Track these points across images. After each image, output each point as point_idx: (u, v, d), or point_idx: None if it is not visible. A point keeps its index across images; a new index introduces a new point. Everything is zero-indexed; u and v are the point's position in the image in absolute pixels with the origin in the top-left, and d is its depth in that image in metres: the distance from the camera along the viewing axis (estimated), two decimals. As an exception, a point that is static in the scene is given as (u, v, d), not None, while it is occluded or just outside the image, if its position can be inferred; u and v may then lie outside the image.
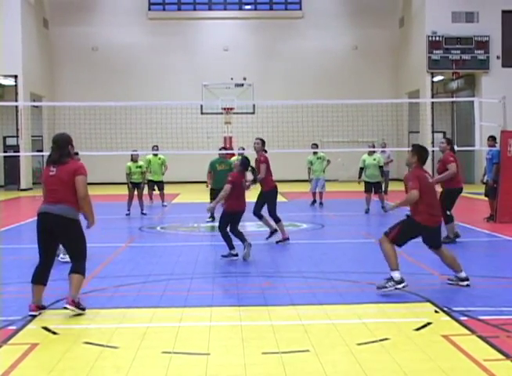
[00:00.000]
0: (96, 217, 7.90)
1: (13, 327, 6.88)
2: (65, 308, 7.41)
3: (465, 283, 8.72)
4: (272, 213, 13.19)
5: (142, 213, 18.82)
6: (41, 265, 7.62)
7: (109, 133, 28.05)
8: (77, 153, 8.79)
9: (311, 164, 21.22)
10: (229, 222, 11.38)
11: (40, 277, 7.58)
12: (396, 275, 8.41)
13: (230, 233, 11.33)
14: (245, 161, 11.71)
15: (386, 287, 8.36)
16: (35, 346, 6.24)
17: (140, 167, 19.24)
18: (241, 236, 11.36)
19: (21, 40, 31.99)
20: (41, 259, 7.62)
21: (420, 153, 8.89)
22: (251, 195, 13.41)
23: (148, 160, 20.01)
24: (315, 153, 21.31)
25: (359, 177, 19.53)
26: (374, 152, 19.73)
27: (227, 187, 11.21)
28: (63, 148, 7.63)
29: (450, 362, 5.68)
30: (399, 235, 8.63)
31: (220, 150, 17.67)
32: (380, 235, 8.95)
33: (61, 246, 10.59)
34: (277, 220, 13.18)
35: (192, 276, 9.68)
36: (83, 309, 7.48)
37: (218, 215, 17.22)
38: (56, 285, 8.34)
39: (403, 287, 8.36)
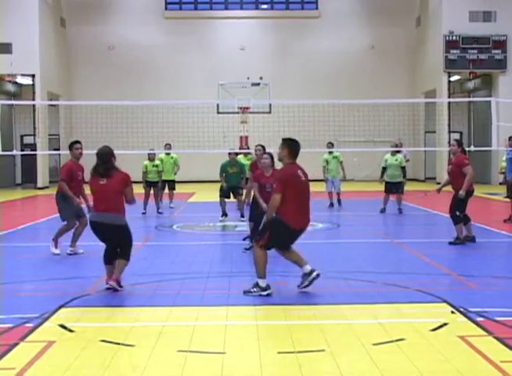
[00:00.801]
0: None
1: (30, 325, 6.91)
2: (107, 284, 8.43)
3: (315, 273, 8.40)
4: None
5: (158, 212, 18.88)
6: (106, 250, 8.71)
7: (125, 132, 28.11)
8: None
9: (326, 162, 21.05)
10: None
11: (109, 258, 8.62)
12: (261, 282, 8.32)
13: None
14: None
15: (251, 292, 8.28)
16: (52, 344, 6.27)
17: (156, 166, 19.30)
18: None
19: (38, 39, 32.15)
20: (106, 245, 8.73)
21: (290, 146, 8.56)
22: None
23: (160, 158, 20.01)
24: (330, 152, 21.17)
25: (381, 176, 19.40)
26: (398, 152, 19.57)
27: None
28: (107, 161, 8.66)
29: (466, 363, 5.65)
30: (270, 241, 8.33)
31: (230, 154, 17.44)
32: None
33: (72, 237, 10.91)
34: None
35: (208, 275, 9.69)
36: (121, 287, 8.49)
37: (231, 214, 17.30)
38: (72, 283, 8.38)
39: (267, 294, 8.21)
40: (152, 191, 19.13)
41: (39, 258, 11.49)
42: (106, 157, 8.66)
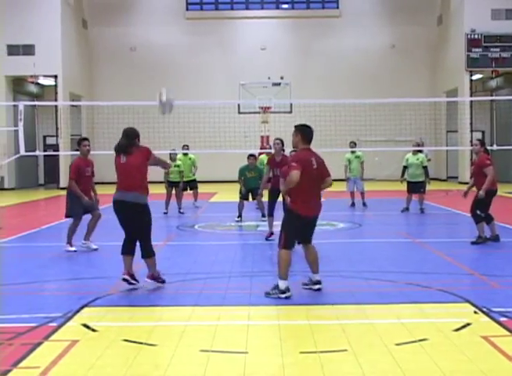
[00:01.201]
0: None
1: (54, 324, 6.96)
2: (145, 281, 8.65)
3: (316, 286, 8.48)
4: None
5: (180, 212, 18.95)
6: (126, 239, 8.69)
7: (146, 132, 27.98)
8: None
9: (348, 162, 20.93)
10: None
11: (127, 249, 8.66)
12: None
13: None
14: None
15: (270, 294, 8.22)
16: (75, 343, 6.31)
17: (178, 166, 19.38)
18: None
19: (61, 41, 32.41)
20: (126, 234, 8.70)
21: (302, 131, 8.68)
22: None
23: (178, 159, 20.00)
24: (353, 151, 21.06)
25: (402, 176, 19.32)
26: (420, 151, 19.45)
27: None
28: (131, 139, 8.67)
29: (490, 363, 5.62)
30: (287, 238, 8.33)
31: (248, 157, 17.42)
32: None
33: (85, 231, 11.07)
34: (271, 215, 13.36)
35: (230, 275, 9.70)
36: (163, 282, 8.75)
37: (252, 214, 17.30)
38: (95, 282, 8.43)
39: (286, 297, 8.13)
40: (174, 191, 19.22)
41: (63, 257, 11.58)
42: (131, 135, 8.69)
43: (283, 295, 8.16)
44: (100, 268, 10.59)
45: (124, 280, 8.54)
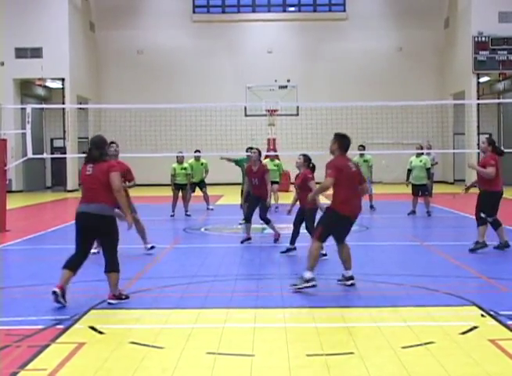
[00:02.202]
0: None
1: (61, 327, 6.98)
2: (109, 303, 8.01)
3: (350, 282, 8.91)
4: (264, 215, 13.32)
5: (186, 214, 18.95)
6: (76, 255, 8.23)
7: (153, 135, 28.26)
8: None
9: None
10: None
11: (72, 264, 8.17)
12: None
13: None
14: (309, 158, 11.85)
15: (296, 285, 8.61)
16: (82, 345, 6.33)
17: (185, 169, 19.38)
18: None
19: (68, 44, 32.50)
20: (77, 251, 8.25)
21: (340, 140, 8.99)
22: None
23: (190, 164, 19.93)
24: (362, 155, 20.99)
25: (407, 179, 19.32)
26: (422, 154, 19.44)
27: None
28: (101, 148, 8.28)
29: (497, 367, 5.61)
30: (323, 231, 8.77)
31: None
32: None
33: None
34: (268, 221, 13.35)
35: (237, 278, 9.71)
36: (127, 297, 8.18)
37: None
38: (102, 285, 8.43)
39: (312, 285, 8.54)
40: (180, 193, 19.21)
41: (69, 260, 11.58)
42: (100, 144, 8.27)
43: (309, 284, 8.51)
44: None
45: (54, 293, 7.83)
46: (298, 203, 11.79)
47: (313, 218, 11.06)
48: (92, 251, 11.97)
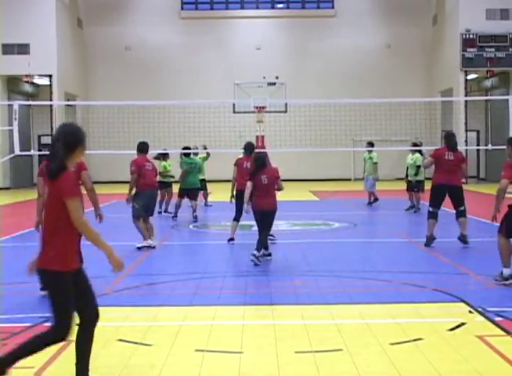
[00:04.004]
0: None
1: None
2: None
3: (509, 281, 8.67)
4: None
5: (166, 211, 18.74)
6: None
7: (141, 132, 28.16)
8: None
9: (364, 161, 21.40)
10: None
11: None
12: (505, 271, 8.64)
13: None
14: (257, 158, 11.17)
15: (497, 280, 8.69)
16: (70, 343, 6.28)
17: (165, 167, 19.04)
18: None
19: (56, 40, 32.34)
20: None
21: None
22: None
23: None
24: (369, 151, 21.34)
25: (406, 176, 19.67)
26: (416, 151, 19.58)
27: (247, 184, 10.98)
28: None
29: (485, 363, 5.62)
30: (508, 228, 8.66)
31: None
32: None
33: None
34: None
35: (225, 275, 9.70)
36: None
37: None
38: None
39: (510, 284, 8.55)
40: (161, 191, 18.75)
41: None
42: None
43: (507, 282, 8.52)
44: (95, 268, 10.56)
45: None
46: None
47: None
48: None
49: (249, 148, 13.20)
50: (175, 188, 18.74)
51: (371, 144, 21.62)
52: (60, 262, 4.90)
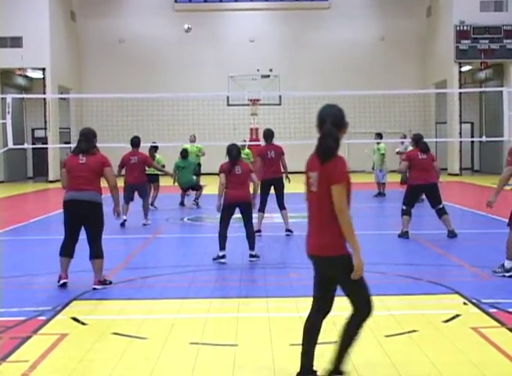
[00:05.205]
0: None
1: (43, 318, 6.94)
2: (94, 289, 8.19)
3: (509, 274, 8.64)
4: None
5: (151, 205, 18.44)
6: (66, 241, 8.47)
7: (135, 125, 28.16)
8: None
9: (373, 153, 21.73)
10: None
11: (67, 250, 8.44)
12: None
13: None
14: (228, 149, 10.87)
15: (496, 272, 8.68)
16: (64, 336, 6.29)
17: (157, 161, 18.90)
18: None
19: (49, 33, 32.21)
20: (67, 236, 8.47)
21: None
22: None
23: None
24: (378, 143, 21.43)
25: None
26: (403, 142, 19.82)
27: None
28: (91, 140, 8.48)
29: (480, 354, 5.63)
30: None
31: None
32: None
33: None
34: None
35: (220, 268, 9.69)
36: (110, 283, 8.43)
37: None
38: (85, 275, 8.41)
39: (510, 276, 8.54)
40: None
41: (52, 250, 11.50)
42: (90, 136, 8.51)
43: (508, 274, 8.52)
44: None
45: (65, 283, 8.29)
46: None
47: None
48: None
49: (269, 136, 13.03)
50: (166, 182, 18.82)
51: (380, 135, 21.61)
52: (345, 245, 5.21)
